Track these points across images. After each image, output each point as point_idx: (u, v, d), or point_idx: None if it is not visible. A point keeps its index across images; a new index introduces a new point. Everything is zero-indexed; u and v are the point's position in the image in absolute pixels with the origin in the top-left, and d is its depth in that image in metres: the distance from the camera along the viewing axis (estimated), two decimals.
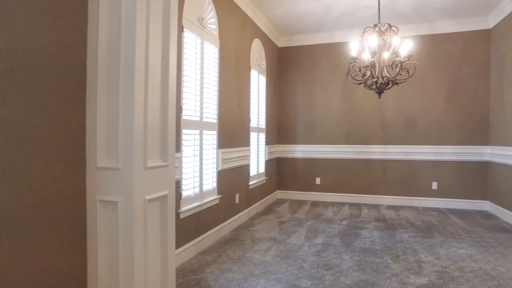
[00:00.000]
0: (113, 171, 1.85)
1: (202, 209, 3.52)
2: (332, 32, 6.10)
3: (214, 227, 3.79)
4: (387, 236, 3.98)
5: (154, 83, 2.00)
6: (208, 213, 3.66)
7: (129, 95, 1.83)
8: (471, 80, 5.51)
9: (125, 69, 1.84)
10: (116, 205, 1.84)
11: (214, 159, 3.78)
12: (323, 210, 5.46)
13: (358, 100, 6.09)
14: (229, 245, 3.65)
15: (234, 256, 3.30)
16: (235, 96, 4.38)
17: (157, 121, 2.03)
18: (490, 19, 5.32)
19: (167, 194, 2.12)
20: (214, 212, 3.79)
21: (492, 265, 3.10)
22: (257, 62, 5.21)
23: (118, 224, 1.84)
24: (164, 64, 2.09)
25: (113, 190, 1.85)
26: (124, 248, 1.83)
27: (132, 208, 1.81)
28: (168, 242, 2.13)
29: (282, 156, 6.55)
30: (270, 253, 3.38)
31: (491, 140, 5.34)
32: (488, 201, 5.37)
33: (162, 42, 2.08)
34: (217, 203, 3.84)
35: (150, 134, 1.97)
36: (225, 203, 4.08)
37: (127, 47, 1.84)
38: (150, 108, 1.96)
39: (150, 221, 1.96)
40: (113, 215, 1.86)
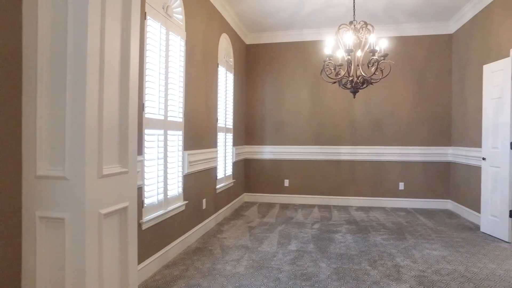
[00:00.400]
0: (58, 181, 1.49)
1: (167, 218, 3.17)
2: (302, 30, 5.97)
3: (180, 236, 3.46)
4: (361, 239, 3.88)
5: (112, 75, 1.67)
6: (174, 222, 3.32)
7: (79, 89, 1.49)
8: (435, 83, 5.65)
9: (74, 59, 1.49)
10: (62, 222, 1.48)
11: (180, 162, 3.45)
12: (293, 213, 5.30)
13: (327, 100, 6.02)
14: (197, 255, 3.34)
15: (203, 269, 2.99)
16: (202, 94, 4.06)
17: (115, 120, 1.69)
18: (451, 25, 5.48)
19: (128, 205, 1.78)
20: (180, 220, 3.45)
21: (465, 266, 3.09)
22: (225, 59, 4.93)
23: (65, 247, 1.49)
24: (124, 54, 1.77)
25: (58, 204, 1.50)
26: (72, 274, 1.48)
27: (83, 226, 1.47)
28: (129, 259, 1.80)
29: (250, 157, 6.32)
30: (242, 264, 3.12)
31: (453, 141, 5.50)
32: (450, 200, 5.53)
33: (121, 28, 1.76)
34: (183, 210, 3.51)
35: (107, 135, 1.63)
36: (191, 210, 3.76)
37: (76, 31, 1.49)
38: (107, 105, 1.63)
39: (106, 239, 1.62)
40: (57, 235, 1.51)
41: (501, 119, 3.89)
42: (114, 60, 1.69)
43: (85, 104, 1.48)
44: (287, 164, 6.20)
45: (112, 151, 1.68)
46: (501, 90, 3.90)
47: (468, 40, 4.98)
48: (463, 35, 5.17)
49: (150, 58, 2.87)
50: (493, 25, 4.28)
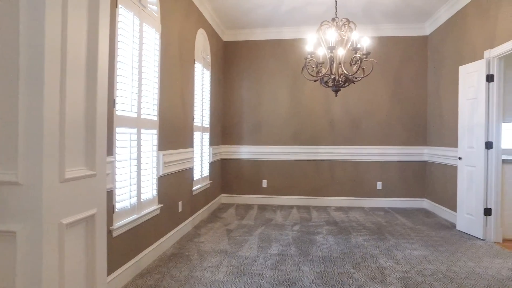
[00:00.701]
0: (8, 187, 1.27)
1: (141, 223, 2.95)
2: (280, 28, 5.87)
3: (155, 242, 3.24)
4: (343, 241, 3.82)
5: (76, 69, 1.47)
6: (148, 226, 3.10)
7: (36, 81, 1.27)
8: (412, 84, 5.72)
9: (29, 47, 1.27)
10: (13, 237, 1.26)
11: (154, 162, 3.23)
12: (272, 214, 5.18)
13: (307, 99, 5.96)
14: (173, 262, 3.13)
15: (180, 277, 2.80)
16: (178, 91, 3.85)
17: (81, 117, 1.49)
18: (426, 27, 5.57)
19: (95, 212, 1.58)
20: (154, 225, 3.23)
21: (446, 265, 3.09)
22: (201, 55, 4.73)
23: (16, 266, 1.26)
24: (91, 45, 1.56)
25: (7, 214, 1.27)
26: None
27: (40, 240, 1.26)
28: (97, 272, 1.61)
29: (227, 157, 6.14)
30: (221, 270, 2.95)
31: (428, 141, 5.60)
32: (426, 199, 5.63)
33: (88, 17, 1.55)
34: (158, 214, 3.29)
35: (71, 134, 1.42)
36: (167, 213, 3.54)
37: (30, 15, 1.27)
38: (71, 101, 1.42)
39: (69, 252, 1.41)
40: (6, 251, 1.28)
41: (476, 120, 3.96)
42: (79, 50, 1.48)
43: (43, 99, 1.26)
44: (265, 164, 6.08)
45: (76, 152, 1.47)
46: (476, 91, 3.97)
47: (443, 42, 5.07)
48: (438, 37, 5.26)
49: (122, 51, 2.64)
50: (467, 27, 4.36)
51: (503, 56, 3.75)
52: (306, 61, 3.50)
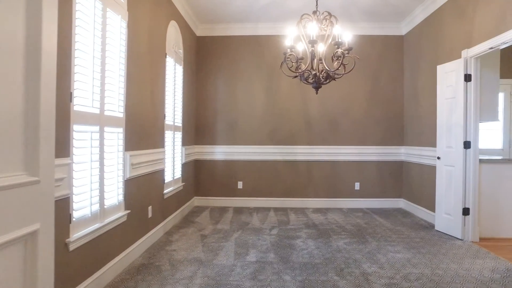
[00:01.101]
0: None
1: (104, 232, 2.62)
2: (257, 23, 5.66)
3: (121, 253, 2.91)
4: (323, 245, 3.66)
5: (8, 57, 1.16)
6: (113, 235, 2.77)
7: None
8: (388, 83, 5.70)
9: None
10: None
11: (121, 164, 2.90)
12: (248, 217, 4.95)
13: (283, 97, 5.78)
14: (142, 274, 2.83)
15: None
16: (148, 86, 3.54)
17: (17, 113, 1.18)
18: (402, 27, 5.57)
19: (39, 228, 1.28)
20: (120, 233, 2.91)
21: (430, 268, 3.00)
22: (173, 49, 4.42)
23: None
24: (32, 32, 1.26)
25: None
26: None
27: None
28: None
29: (200, 158, 5.85)
30: (196, 282, 2.68)
31: (405, 140, 5.59)
32: (403, 198, 5.62)
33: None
34: (124, 221, 2.97)
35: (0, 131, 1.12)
36: (135, 220, 3.22)
37: None
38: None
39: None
40: None
41: (455, 119, 3.93)
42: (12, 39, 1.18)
43: None
44: (240, 165, 5.84)
45: (11, 154, 1.17)
46: (454, 90, 3.95)
47: (419, 42, 5.06)
48: (414, 36, 5.25)
49: (82, 37, 2.32)
50: (444, 27, 4.35)
51: (480, 56, 3.74)
52: (286, 56, 3.29)
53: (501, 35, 3.33)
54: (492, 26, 3.48)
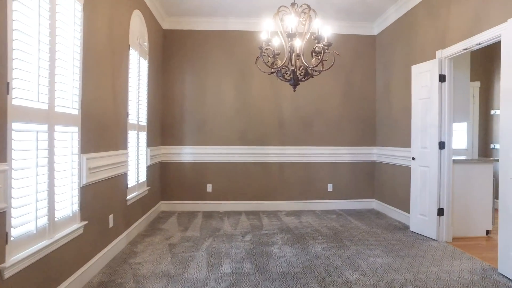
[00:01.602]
0: None
1: (55, 249, 2.23)
2: (227, 18, 5.38)
3: (76, 271, 2.52)
4: (301, 251, 3.47)
5: None
6: (66, 252, 2.38)
7: None
8: (361, 83, 5.66)
9: None
10: None
11: (76, 169, 2.51)
12: (219, 223, 4.67)
13: (254, 96, 5.55)
14: None
15: None
16: (109, 80, 3.14)
17: None
18: (375, 27, 5.56)
19: None
20: (75, 249, 2.51)
21: (412, 273, 2.90)
22: (138, 41, 4.03)
23: None
24: None
25: None
26: None
27: None
28: None
29: (167, 160, 5.46)
30: None
31: (377, 141, 5.58)
32: (375, 199, 5.61)
33: None
34: (80, 234, 2.57)
35: None
36: (93, 231, 2.82)
37: None
38: None
39: None
40: None
41: (430, 120, 3.92)
42: None
43: None
44: (210, 167, 5.53)
45: None
46: (429, 90, 3.94)
47: (392, 42, 5.06)
48: (386, 36, 5.25)
49: (22, 16, 1.92)
50: (417, 27, 4.35)
51: (453, 57, 3.75)
52: (262, 50, 3.06)
53: (475, 36, 3.34)
54: (466, 28, 3.48)
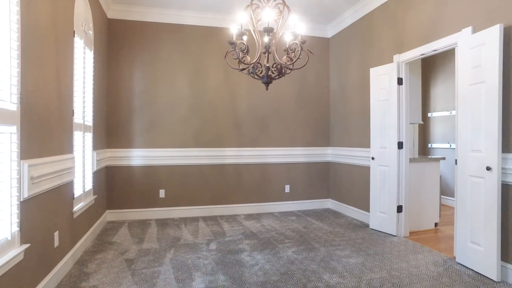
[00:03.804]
0: None
1: None
2: (181, 11, 5.02)
3: None
4: (273, 257, 3.32)
5: None
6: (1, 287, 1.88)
7: None
8: (316, 84, 5.73)
9: None
10: None
11: (14, 179, 2.02)
12: (177, 231, 4.30)
13: (210, 95, 5.27)
14: None
15: None
16: (52, 71, 2.63)
17: None
18: (328, 29, 5.67)
19: None
20: (13, 280, 2.01)
21: (386, 270, 2.94)
22: (83, 27, 3.50)
23: None
24: None
25: None
26: None
27: None
28: None
29: (113, 164, 4.90)
30: None
31: (332, 141, 5.70)
32: (330, 198, 5.72)
33: None
34: (20, 261, 2.08)
35: None
36: (36, 255, 2.31)
37: None
38: None
39: None
40: None
41: (389, 121, 4.07)
42: None
43: None
44: (162, 171, 5.10)
45: None
46: (388, 93, 4.09)
47: (348, 45, 5.19)
48: (341, 39, 5.38)
49: None
50: (374, 31, 4.51)
51: (410, 61, 3.95)
52: (236, 44, 2.84)
53: (432, 43, 3.53)
54: (423, 34, 3.68)
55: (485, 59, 2.80)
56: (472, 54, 2.94)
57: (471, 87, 2.96)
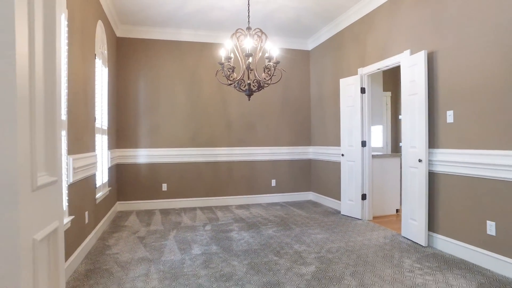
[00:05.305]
0: None
1: None
2: (179, 29, 5.82)
3: (66, 260, 2.80)
4: (256, 234, 4.12)
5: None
6: None
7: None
8: (298, 91, 6.54)
9: None
10: None
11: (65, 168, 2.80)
12: (178, 217, 5.09)
13: (204, 102, 6.07)
14: (93, 279, 2.79)
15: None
16: (81, 87, 3.42)
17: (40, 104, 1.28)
18: (309, 43, 6.49)
19: (58, 226, 1.38)
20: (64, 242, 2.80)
21: (344, 242, 3.75)
22: (100, 50, 4.29)
23: None
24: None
25: None
26: None
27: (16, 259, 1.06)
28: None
29: (122, 162, 5.69)
30: (153, 277, 2.81)
31: (312, 141, 6.51)
32: (312, 191, 6.53)
33: None
34: (68, 228, 2.86)
35: (38, 129, 1.23)
36: (76, 225, 3.10)
37: None
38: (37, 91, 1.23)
39: (40, 271, 1.21)
40: None
41: (354, 123, 4.89)
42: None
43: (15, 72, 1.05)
44: (164, 168, 5.90)
45: (40, 153, 1.25)
46: (353, 100, 4.91)
47: (324, 57, 6.02)
48: (319, 52, 6.20)
49: None
50: (344, 48, 5.33)
51: (371, 74, 4.76)
52: (224, 65, 3.64)
53: (384, 60, 4.35)
54: (379, 53, 4.50)
55: (417, 76, 3.63)
56: (410, 71, 3.76)
57: (409, 97, 3.78)
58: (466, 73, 3.17)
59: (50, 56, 1.35)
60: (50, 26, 1.35)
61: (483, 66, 3.00)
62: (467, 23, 3.16)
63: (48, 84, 1.33)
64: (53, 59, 1.36)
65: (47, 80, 1.32)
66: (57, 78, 1.39)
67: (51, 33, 1.35)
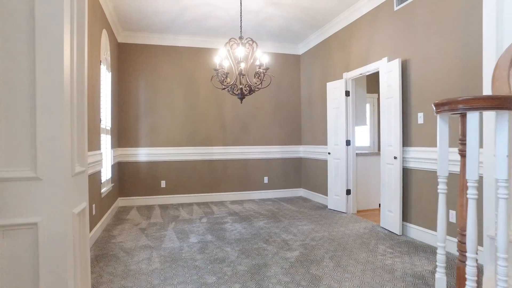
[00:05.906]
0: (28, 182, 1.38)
1: None
2: (177, 35, 6.17)
3: None
4: (248, 226, 4.50)
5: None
6: None
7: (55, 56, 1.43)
8: (289, 94, 6.93)
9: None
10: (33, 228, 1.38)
11: None
12: (176, 212, 5.46)
13: (200, 103, 6.43)
14: (103, 262, 3.15)
15: (117, 272, 2.90)
16: (89, 91, 3.77)
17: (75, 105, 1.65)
18: (299, 48, 6.88)
19: (86, 206, 1.76)
20: None
21: (328, 232, 4.14)
22: (104, 56, 4.64)
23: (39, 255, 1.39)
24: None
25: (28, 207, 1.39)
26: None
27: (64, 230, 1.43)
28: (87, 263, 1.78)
29: (123, 160, 6.04)
30: (155, 261, 3.18)
31: (302, 140, 6.91)
32: (302, 188, 6.92)
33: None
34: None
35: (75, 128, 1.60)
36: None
37: None
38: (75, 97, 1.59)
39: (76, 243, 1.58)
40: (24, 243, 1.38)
41: (340, 124, 5.28)
42: None
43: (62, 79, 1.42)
44: (163, 166, 6.25)
45: (75, 148, 1.62)
46: (339, 102, 5.30)
47: (313, 62, 6.41)
48: (309, 57, 6.60)
49: None
50: (331, 53, 5.73)
51: (355, 78, 5.16)
52: (218, 71, 4.02)
53: (366, 66, 4.75)
54: (361, 59, 4.89)
55: (393, 81, 4.03)
56: (387, 77, 4.16)
57: (386, 100, 4.18)
58: (433, 80, 3.58)
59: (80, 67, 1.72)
60: (80, 39, 1.72)
61: (448, 74, 3.40)
62: (434, 36, 3.56)
63: (79, 91, 1.70)
64: (82, 70, 1.72)
65: (78, 86, 1.69)
66: (85, 85, 1.75)
67: (81, 46, 1.72)
